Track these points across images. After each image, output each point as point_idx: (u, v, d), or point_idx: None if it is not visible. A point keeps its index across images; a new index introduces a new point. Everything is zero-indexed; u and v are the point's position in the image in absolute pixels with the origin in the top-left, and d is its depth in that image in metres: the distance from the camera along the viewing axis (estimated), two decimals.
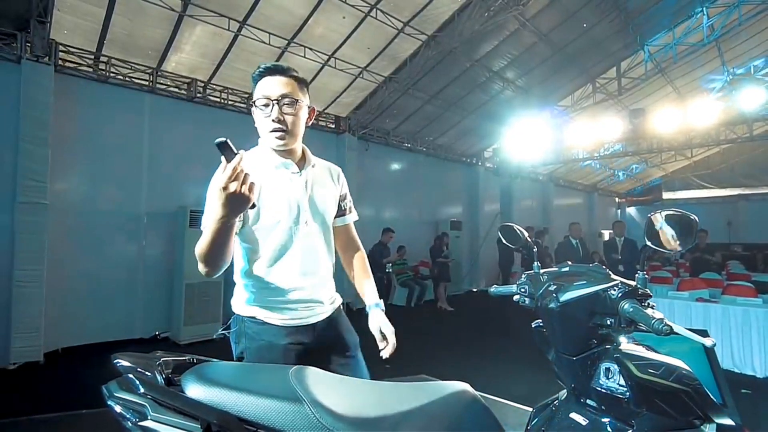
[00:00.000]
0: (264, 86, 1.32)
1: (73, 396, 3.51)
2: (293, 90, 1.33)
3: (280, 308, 1.36)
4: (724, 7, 8.03)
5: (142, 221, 5.48)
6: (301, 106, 1.35)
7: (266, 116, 1.32)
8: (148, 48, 5.38)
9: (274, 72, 1.33)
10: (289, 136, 1.33)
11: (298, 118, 1.35)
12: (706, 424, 0.98)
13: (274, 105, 1.30)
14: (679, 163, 15.62)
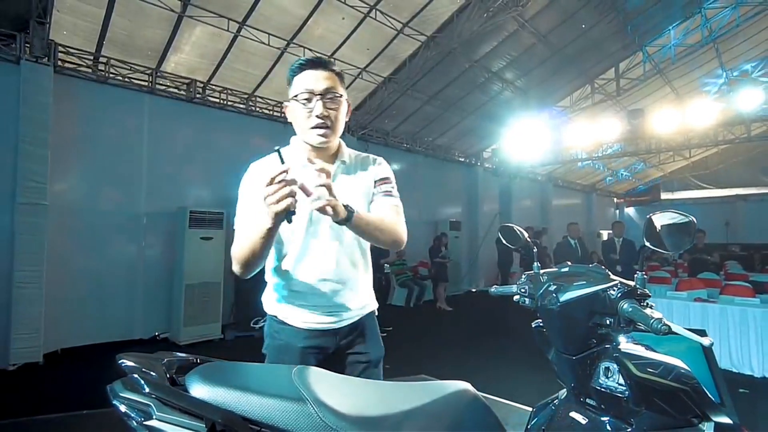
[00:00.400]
0: (305, 80, 1.25)
1: (73, 397, 3.51)
2: (335, 84, 1.28)
3: (300, 310, 1.34)
4: (722, 8, 8.07)
5: (142, 222, 5.48)
6: (343, 101, 1.31)
7: (308, 111, 1.25)
8: (148, 49, 5.39)
9: (317, 65, 1.27)
10: (331, 132, 1.28)
11: (339, 113, 1.30)
12: (704, 423, 0.99)
13: (317, 100, 1.24)
14: (677, 164, 15.66)
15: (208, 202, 5.89)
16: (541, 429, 1.20)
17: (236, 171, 6.32)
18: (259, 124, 6.73)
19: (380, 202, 1.38)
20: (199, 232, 5.28)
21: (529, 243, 1.47)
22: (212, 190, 6.12)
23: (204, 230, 5.32)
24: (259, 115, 6.75)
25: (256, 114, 6.71)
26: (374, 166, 1.43)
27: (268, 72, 6.23)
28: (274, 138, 6.86)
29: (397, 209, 1.39)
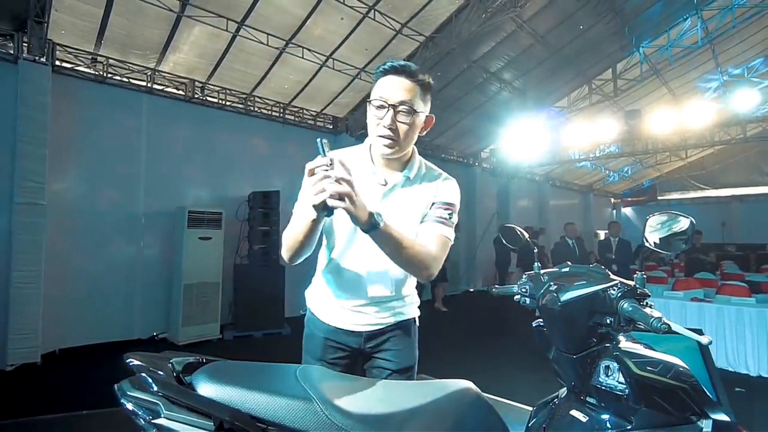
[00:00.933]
0: (384, 86, 1.21)
1: (72, 397, 3.51)
2: (414, 97, 1.21)
3: (327, 307, 1.38)
4: (718, 9, 8.12)
5: (140, 222, 5.47)
6: (418, 116, 1.23)
7: (378, 119, 1.22)
8: (146, 48, 5.38)
9: (400, 72, 1.21)
10: (396, 145, 1.23)
11: (412, 128, 1.23)
12: (702, 420, 1.00)
13: (389, 110, 1.19)
14: (673, 164, 15.75)
15: (207, 202, 5.89)
16: (541, 427, 1.22)
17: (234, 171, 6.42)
18: (257, 124, 6.74)
19: (428, 227, 1.28)
20: (197, 232, 5.27)
21: (530, 243, 1.49)
22: (211, 190, 6.12)
23: (203, 230, 5.31)
24: (258, 115, 6.75)
25: (255, 114, 6.71)
26: (440, 185, 1.33)
27: (267, 72, 6.23)
28: (272, 138, 6.89)
29: (443, 242, 1.27)
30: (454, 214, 1.32)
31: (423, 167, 1.36)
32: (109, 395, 0.95)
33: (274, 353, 5.09)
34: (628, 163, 15.23)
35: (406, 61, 1.24)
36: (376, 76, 1.25)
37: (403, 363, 1.37)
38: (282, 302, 5.92)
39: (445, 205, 1.30)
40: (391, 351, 1.37)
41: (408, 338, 1.41)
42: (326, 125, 7.78)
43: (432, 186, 1.33)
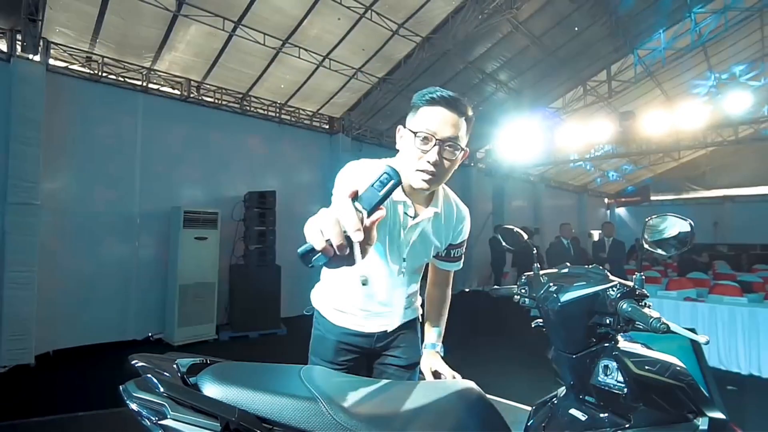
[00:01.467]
0: (431, 118, 1.14)
1: (66, 399, 3.49)
2: (461, 133, 1.16)
3: (339, 312, 1.41)
4: (710, 12, 8.21)
5: (135, 222, 5.44)
6: (461, 152, 1.18)
7: (422, 153, 1.13)
8: (142, 47, 5.35)
9: (450, 106, 1.15)
10: (436, 181, 1.17)
11: (454, 164, 1.18)
12: (698, 418, 1.02)
13: (435, 145, 1.12)
14: (666, 165, 15.88)
15: (203, 202, 5.87)
16: (540, 427, 1.24)
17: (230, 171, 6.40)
18: (253, 124, 6.72)
19: (452, 266, 1.48)
20: (193, 232, 5.25)
21: (529, 244, 1.50)
22: (207, 190, 6.10)
23: (198, 230, 5.29)
24: (254, 115, 6.74)
25: (251, 114, 6.69)
26: (458, 224, 1.38)
27: (263, 71, 6.21)
28: (268, 138, 6.86)
29: (454, 273, 1.53)
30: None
31: (446, 200, 1.35)
32: (104, 396, 0.95)
33: (271, 354, 5.08)
34: (622, 164, 15.34)
35: (455, 93, 1.18)
36: (420, 102, 1.17)
37: (411, 359, 1.44)
38: (278, 302, 5.92)
39: (462, 244, 1.44)
40: (400, 348, 1.43)
41: (414, 335, 1.49)
42: (322, 125, 7.78)
43: (453, 221, 1.36)
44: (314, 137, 7.62)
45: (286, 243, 6.14)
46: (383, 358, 1.44)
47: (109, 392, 0.93)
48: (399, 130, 1.23)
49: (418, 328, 1.55)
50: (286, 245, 6.13)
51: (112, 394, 0.98)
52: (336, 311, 1.42)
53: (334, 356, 1.40)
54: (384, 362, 1.44)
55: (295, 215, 6.98)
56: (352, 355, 1.41)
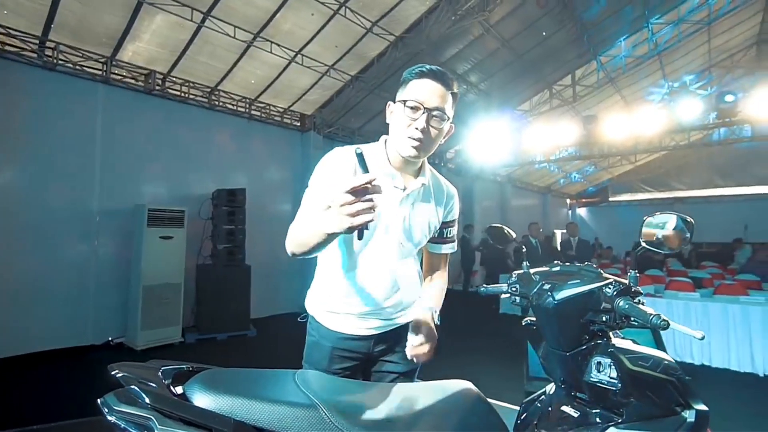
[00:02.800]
0: (420, 89, 1.21)
1: (16, 411, 3.23)
2: (446, 105, 1.23)
3: (334, 315, 1.35)
4: (666, 24, 8.68)
5: (95, 220, 5.13)
6: (446, 123, 1.27)
7: (411, 120, 1.21)
8: (102, 35, 5.05)
9: (437, 78, 1.21)
10: (424, 149, 1.24)
11: (439, 134, 1.26)
12: (686, 411, 1.06)
13: (424, 114, 1.20)
14: (624, 168, 16.66)
15: (168, 199, 5.61)
16: (532, 424, 1.24)
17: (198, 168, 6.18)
18: (222, 119, 6.50)
19: (443, 249, 1.47)
20: (158, 231, 5.01)
21: (519, 243, 1.52)
22: (172, 187, 5.84)
23: (164, 229, 5.06)
24: (223, 111, 6.51)
25: (220, 109, 6.47)
26: (449, 200, 1.42)
27: (233, 66, 6.02)
28: (237, 134, 6.67)
29: (449, 255, 1.51)
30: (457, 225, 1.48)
31: (433, 176, 1.41)
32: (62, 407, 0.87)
33: (240, 356, 4.94)
34: (583, 166, 15.97)
35: (442, 69, 1.24)
36: (409, 77, 1.24)
37: (411, 365, 1.37)
38: (247, 303, 5.76)
39: (453, 222, 1.46)
40: (399, 353, 1.36)
41: None
42: (293, 122, 7.63)
43: (442, 196, 1.40)
44: (285, 134, 7.47)
45: (256, 242, 5.98)
46: (381, 364, 1.38)
47: (66, 401, 0.85)
48: (389, 105, 1.31)
49: None
50: (256, 244, 5.97)
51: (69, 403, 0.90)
52: (331, 314, 1.36)
53: (329, 364, 1.34)
54: (381, 369, 1.38)
55: (266, 214, 6.82)
56: (349, 362, 1.35)
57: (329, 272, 1.35)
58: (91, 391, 0.96)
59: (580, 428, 1.12)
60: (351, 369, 1.35)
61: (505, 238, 1.55)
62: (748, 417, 3.35)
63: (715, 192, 15.85)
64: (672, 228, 1.03)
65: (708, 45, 10.05)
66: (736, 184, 15.35)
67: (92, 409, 0.89)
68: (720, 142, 10.62)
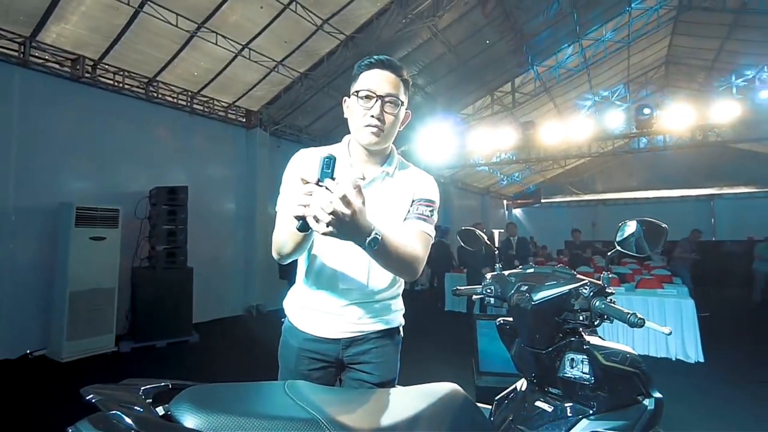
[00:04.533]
0: (370, 79, 1.23)
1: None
2: (399, 91, 1.25)
3: (303, 314, 1.34)
4: (593, 40, 9.45)
5: (10, 219, 4.56)
6: (402, 109, 1.28)
7: (366, 110, 1.22)
8: (20, 12, 4.50)
9: (385, 67, 1.25)
10: (383, 135, 1.25)
11: (397, 119, 1.27)
12: (646, 399, 1.17)
13: (377, 101, 1.21)
14: (555, 171, 17.87)
15: (100, 197, 5.12)
16: (507, 419, 1.30)
17: (134, 163, 5.77)
18: (161, 112, 6.08)
19: (411, 225, 1.27)
20: (88, 232, 4.58)
21: (490, 246, 1.57)
22: (105, 184, 5.35)
23: (95, 229, 4.63)
24: (162, 103, 6.09)
25: (158, 101, 6.04)
26: (419, 183, 1.35)
27: (174, 56, 5.65)
28: (178, 129, 6.28)
29: (426, 238, 1.27)
30: (435, 211, 1.33)
31: (401, 164, 1.38)
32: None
33: (180, 364, 4.66)
34: (519, 169, 16.92)
35: (388, 57, 1.28)
36: (359, 69, 1.27)
37: (385, 376, 1.31)
38: (190, 307, 5.44)
39: (426, 202, 1.31)
40: (372, 363, 1.30)
41: (391, 349, 1.36)
42: (238, 118, 7.33)
43: (411, 182, 1.35)
44: (229, 130, 7.15)
45: (198, 243, 5.67)
46: (353, 372, 1.32)
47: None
48: (345, 101, 1.31)
49: (398, 341, 1.40)
50: (198, 245, 5.66)
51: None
52: (301, 313, 1.33)
53: (297, 364, 1.31)
54: (354, 377, 1.32)
55: (209, 213, 6.50)
56: (318, 364, 1.31)
57: (301, 269, 1.35)
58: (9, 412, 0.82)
59: (555, 421, 1.19)
60: (321, 371, 1.30)
61: (476, 241, 1.60)
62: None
63: (633, 195, 17.54)
64: (645, 233, 1.12)
65: (627, 62, 11.08)
66: (651, 188, 17.09)
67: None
68: (639, 150, 11.74)
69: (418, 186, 1.34)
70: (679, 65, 11.88)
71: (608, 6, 8.45)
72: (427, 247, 1.27)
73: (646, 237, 1.11)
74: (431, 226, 1.30)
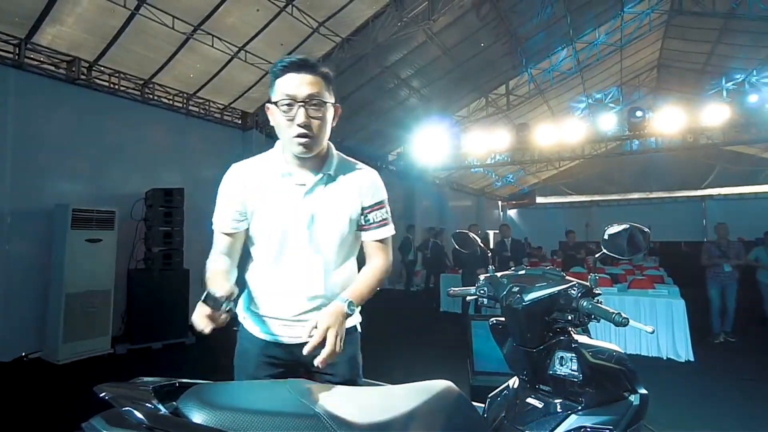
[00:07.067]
0: (287, 84, 1.14)
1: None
2: (320, 90, 1.16)
3: (259, 320, 1.31)
4: (587, 43, 9.56)
5: (5, 221, 4.55)
6: (329, 107, 1.20)
7: (289, 119, 1.15)
8: (14, 14, 4.50)
9: (301, 68, 1.15)
10: (314, 142, 1.19)
11: (325, 121, 1.20)
12: (632, 395, 1.22)
13: (299, 108, 1.14)
14: (549, 172, 18.01)
15: (96, 199, 5.11)
16: (500, 417, 1.35)
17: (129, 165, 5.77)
18: (157, 114, 6.08)
19: (376, 235, 1.31)
20: (84, 234, 4.58)
21: (484, 248, 1.62)
22: (100, 186, 5.34)
23: (91, 231, 4.63)
24: (158, 105, 6.09)
25: (154, 103, 6.04)
26: (365, 184, 1.31)
27: (170, 58, 5.66)
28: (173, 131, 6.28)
29: (388, 243, 1.35)
30: (387, 207, 1.35)
31: (341, 163, 1.32)
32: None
33: (178, 365, 4.67)
34: (514, 170, 17.03)
35: (302, 57, 1.19)
36: (272, 76, 1.19)
37: (347, 375, 1.31)
38: (186, 309, 5.42)
39: (379, 205, 1.32)
40: (335, 364, 1.22)
41: (351, 348, 1.32)
42: (234, 120, 7.34)
43: (356, 183, 1.30)
44: (225, 132, 7.16)
45: (195, 244, 5.66)
46: (315, 375, 1.28)
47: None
48: (267, 108, 1.23)
49: (357, 339, 1.41)
50: (195, 247, 5.65)
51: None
52: (260, 317, 1.31)
53: (255, 371, 1.28)
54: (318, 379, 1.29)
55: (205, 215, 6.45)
56: (277, 369, 1.29)
57: (251, 277, 1.33)
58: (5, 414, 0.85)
59: (545, 417, 1.24)
60: (280, 377, 1.26)
61: (470, 243, 1.64)
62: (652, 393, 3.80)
63: (626, 196, 17.72)
64: (629, 237, 1.17)
65: (620, 65, 11.22)
66: (643, 189, 17.27)
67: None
68: (631, 152, 11.87)
69: (365, 187, 1.31)
70: (670, 68, 12.04)
71: (601, 10, 8.56)
72: (390, 249, 1.37)
73: (631, 240, 1.16)
74: (391, 225, 1.35)
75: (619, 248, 1.18)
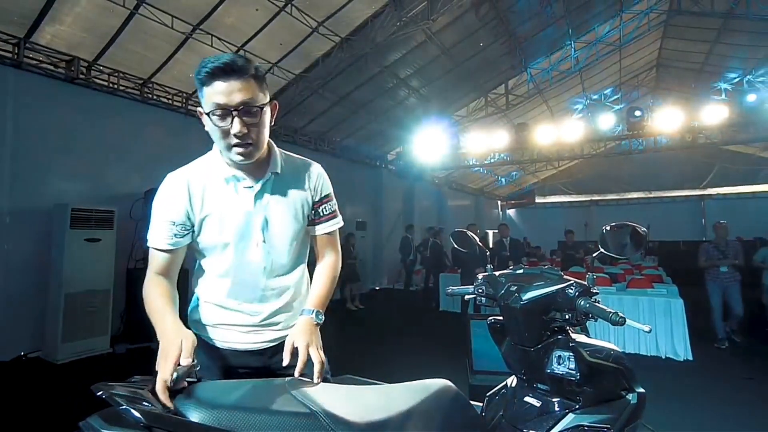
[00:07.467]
0: (216, 92, 1.04)
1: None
2: (254, 94, 1.06)
3: (219, 329, 1.24)
4: (585, 44, 9.57)
5: (4, 221, 4.55)
6: (265, 110, 1.11)
7: (224, 129, 1.07)
8: (13, 13, 4.50)
9: (229, 73, 1.04)
10: (255, 148, 1.12)
11: (262, 125, 1.11)
12: (629, 394, 1.22)
13: (233, 117, 1.06)
14: (548, 172, 18.03)
15: (95, 198, 5.11)
16: (498, 415, 1.35)
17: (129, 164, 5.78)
18: (155, 113, 6.08)
19: (327, 228, 1.33)
20: (83, 233, 4.58)
21: (483, 248, 1.62)
22: (99, 186, 5.34)
23: (90, 231, 4.63)
24: (157, 104, 6.09)
25: (153, 102, 6.04)
26: (312, 178, 1.30)
27: (169, 57, 5.66)
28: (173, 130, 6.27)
29: (336, 236, 1.38)
30: (334, 198, 1.36)
31: (285, 161, 1.28)
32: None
33: None
34: (513, 170, 17.04)
35: (227, 59, 1.05)
36: (199, 83, 1.07)
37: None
38: (185, 308, 5.42)
39: (326, 198, 1.33)
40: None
41: None
42: None
43: (303, 179, 1.28)
44: None
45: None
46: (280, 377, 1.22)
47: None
48: (201, 115, 1.13)
49: (319, 338, 1.35)
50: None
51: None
52: (220, 327, 1.25)
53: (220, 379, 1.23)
54: None
55: None
56: (246, 377, 1.22)
57: (206, 290, 1.26)
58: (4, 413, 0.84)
59: (543, 416, 1.24)
60: None
61: (469, 243, 1.64)
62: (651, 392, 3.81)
63: (625, 196, 17.73)
64: (627, 237, 1.17)
65: (619, 65, 11.23)
66: (642, 188, 17.29)
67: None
68: (630, 151, 11.88)
69: (313, 181, 1.30)
70: (669, 68, 12.07)
71: (600, 10, 8.57)
72: (338, 242, 1.41)
73: (629, 240, 1.17)
74: (339, 217, 1.38)
75: (617, 247, 1.19)
